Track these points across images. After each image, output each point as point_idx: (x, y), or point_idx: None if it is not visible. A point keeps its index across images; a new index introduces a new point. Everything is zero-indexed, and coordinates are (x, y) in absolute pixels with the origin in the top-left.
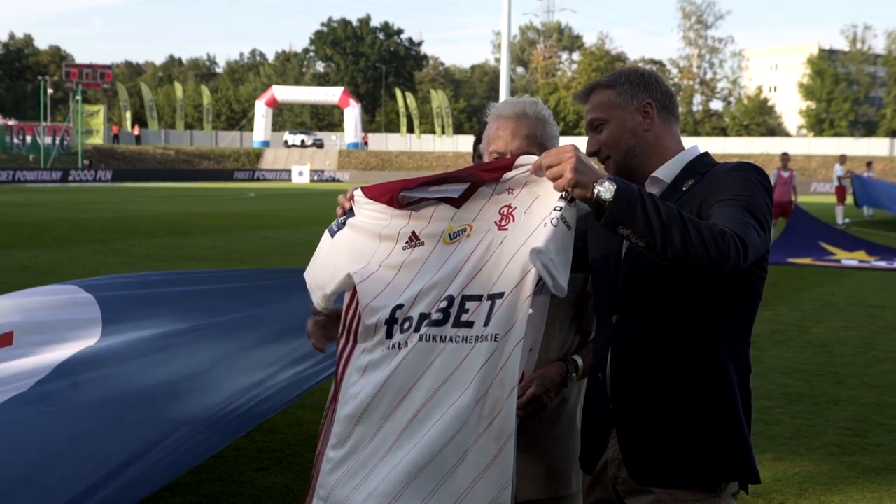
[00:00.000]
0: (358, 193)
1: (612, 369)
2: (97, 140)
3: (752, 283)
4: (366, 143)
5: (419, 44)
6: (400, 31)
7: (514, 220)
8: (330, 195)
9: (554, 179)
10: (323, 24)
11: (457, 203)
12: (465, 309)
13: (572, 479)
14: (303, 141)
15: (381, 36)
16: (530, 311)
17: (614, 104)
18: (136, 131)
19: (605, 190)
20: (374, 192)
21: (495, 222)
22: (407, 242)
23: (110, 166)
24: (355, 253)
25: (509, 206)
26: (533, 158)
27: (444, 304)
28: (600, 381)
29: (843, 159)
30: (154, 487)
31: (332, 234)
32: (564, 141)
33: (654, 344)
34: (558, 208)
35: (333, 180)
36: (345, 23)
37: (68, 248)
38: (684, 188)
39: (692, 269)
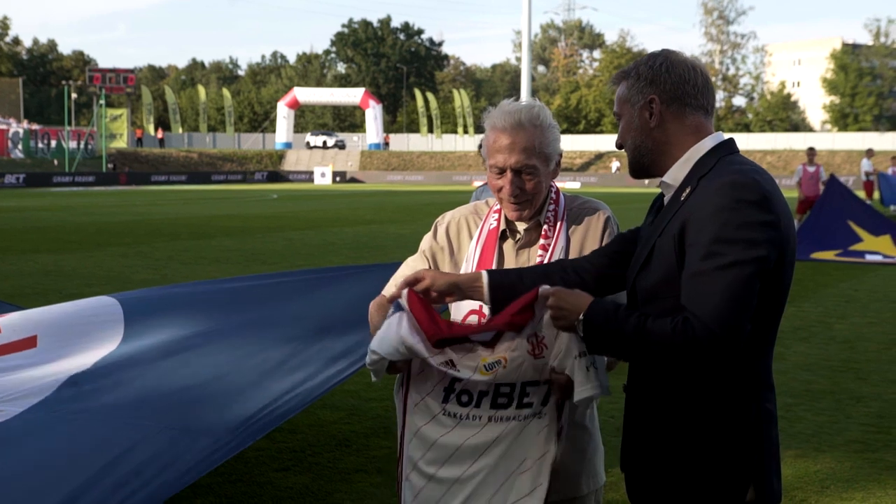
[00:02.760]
0: (403, 301)
1: (628, 383)
2: (121, 144)
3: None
4: (387, 144)
5: (440, 44)
6: (420, 32)
7: (546, 347)
8: (352, 197)
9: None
10: (344, 26)
11: (490, 345)
12: (526, 393)
13: (582, 481)
14: (324, 142)
15: (402, 36)
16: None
17: (624, 99)
18: (160, 134)
19: (580, 329)
20: (415, 311)
21: (528, 352)
22: (444, 364)
23: (134, 169)
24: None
25: (537, 336)
26: (548, 289)
27: (506, 390)
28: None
29: (870, 153)
30: (173, 493)
31: (396, 311)
32: (583, 138)
33: (645, 367)
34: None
35: (355, 181)
36: (365, 24)
37: (93, 252)
38: (682, 197)
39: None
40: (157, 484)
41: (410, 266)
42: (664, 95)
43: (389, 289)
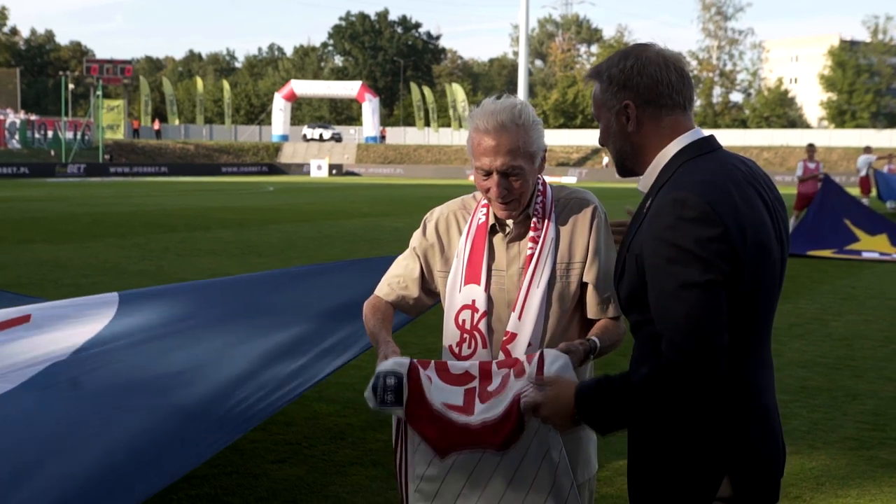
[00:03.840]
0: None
1: None
2: (117, 135)
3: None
4: (384, 137)
5: (437, 37)
6: (418, 25)
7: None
8: (348, 189)
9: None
10: (341, 19)
11: (500, 449)
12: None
13: (578, 469)
14: (321, 135)
15: (400, 30)
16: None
17: (599, 102)
18: (157, 126)
19: (581, 419)
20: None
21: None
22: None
23: (130, 161)
24: None
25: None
26: (530, 402)
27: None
28: None
29: (868, 150)
30: (170, 481)
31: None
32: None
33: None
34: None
35: (352, 174)
36: (363, 17)
37: (89, 243)
38: (645, 209)
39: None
40: (155, 470)
41: (402, 265)
42: (638, 99)
43: (383, 289)
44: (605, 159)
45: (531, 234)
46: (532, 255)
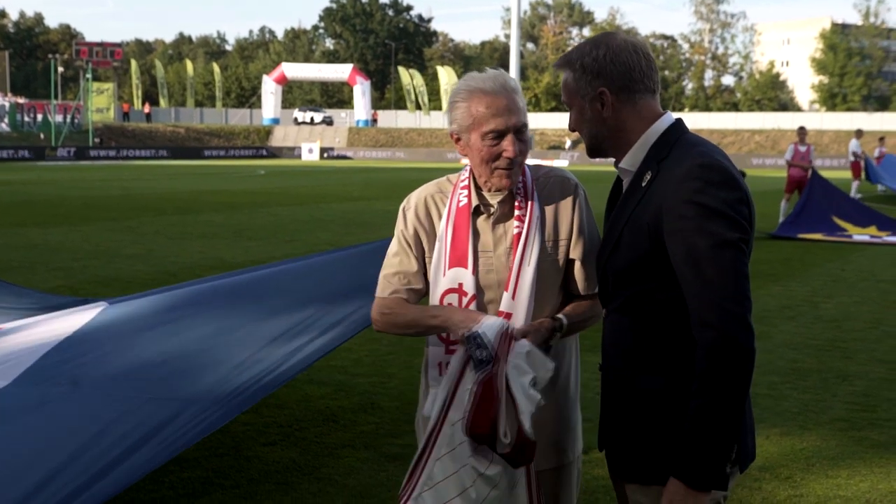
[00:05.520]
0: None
1: (602, 363)
2: (107, 118)
3: None
4: (375, 121)
5: (429, 20)
6: (409, 8)
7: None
8: (340, 173)
9: None
10: (332, 1)
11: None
12: None
13: (569, 448)
14: (312, 118)
15: (391, 12)
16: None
17: (572, 91)
18: (147, 109)
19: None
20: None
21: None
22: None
23: (121, 144)
24: None
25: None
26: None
27: None
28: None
29: (859, 134)
30: (160, 463)
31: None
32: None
33: (622, 345)
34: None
35: (343, 157)
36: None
37: (80, 226)
38: (643, 183)
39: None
40: (142, 454)
41: (396, 261)
42: (613, 86)
43: (386, 289)
44: (568, 142)
45: (517, 212)
46: (519, 233)
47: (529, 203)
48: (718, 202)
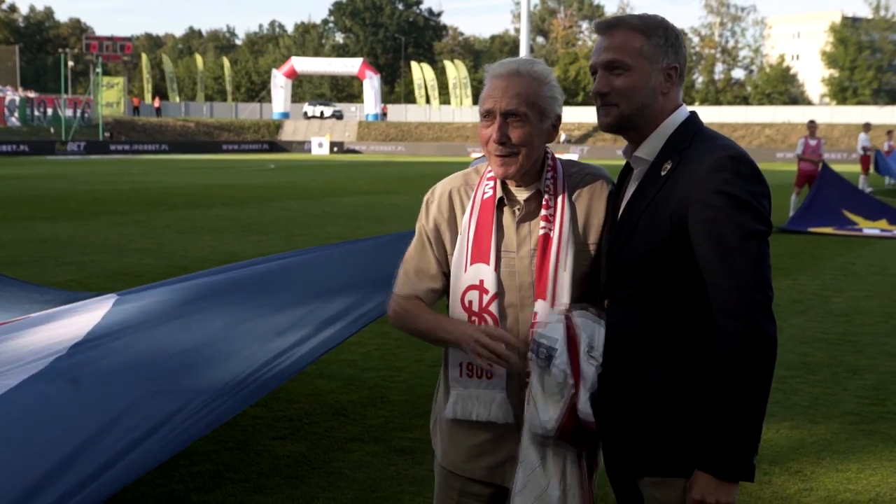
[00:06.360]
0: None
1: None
2: (117, 112)
3: None
4: (385, 115)
5: (439, 14)
6: (419, 2)
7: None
8: (349, 167)
9: None
10: None
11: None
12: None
13: None
14: (322, 112)
15: (401, 6)
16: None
17: (645, 54)
18: (157, 103)
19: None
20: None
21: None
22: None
23: (131, 138)
24: None
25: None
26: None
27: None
28: None
29: (867, 128)
30: (168, 456)
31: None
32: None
33: (630, 336)
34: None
35: (353, 151)
36: None
37: (89, 221)
38: (663, 172)
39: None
40: (151, 443)
41: (416, 258)
42: (680, 66)
43: (405, 287)
44: (563, 136)
45: (543, 212)
46: (546, 233)
47: (558, 202)
48: (747, 194)
